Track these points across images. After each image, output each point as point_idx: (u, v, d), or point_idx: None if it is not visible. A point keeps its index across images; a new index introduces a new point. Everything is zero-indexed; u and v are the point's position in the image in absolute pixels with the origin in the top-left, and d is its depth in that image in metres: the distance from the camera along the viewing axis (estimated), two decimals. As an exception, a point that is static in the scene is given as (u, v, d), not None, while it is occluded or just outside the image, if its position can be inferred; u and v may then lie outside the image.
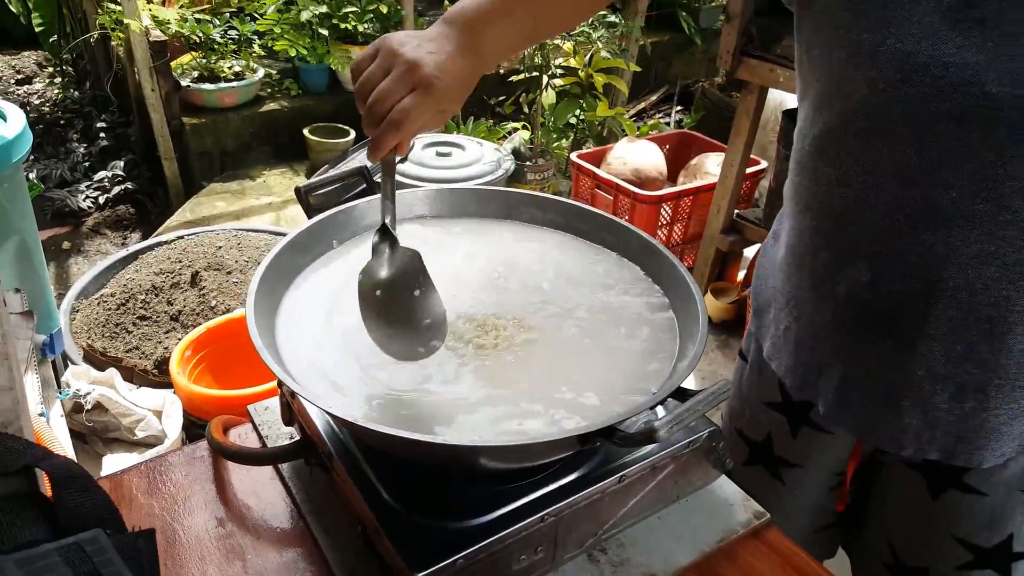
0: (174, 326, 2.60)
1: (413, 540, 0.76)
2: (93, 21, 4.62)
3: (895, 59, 0.78)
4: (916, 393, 0.94)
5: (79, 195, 4.25)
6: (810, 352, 1.04)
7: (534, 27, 0.95)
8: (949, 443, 0.96)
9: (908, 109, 0.80)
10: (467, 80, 0.88)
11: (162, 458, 1.06)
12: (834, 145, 0.91)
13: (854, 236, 0.92)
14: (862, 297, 0.94)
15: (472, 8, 0.89)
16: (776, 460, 1.17)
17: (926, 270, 0.86)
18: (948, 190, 0.81)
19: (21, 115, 1.94)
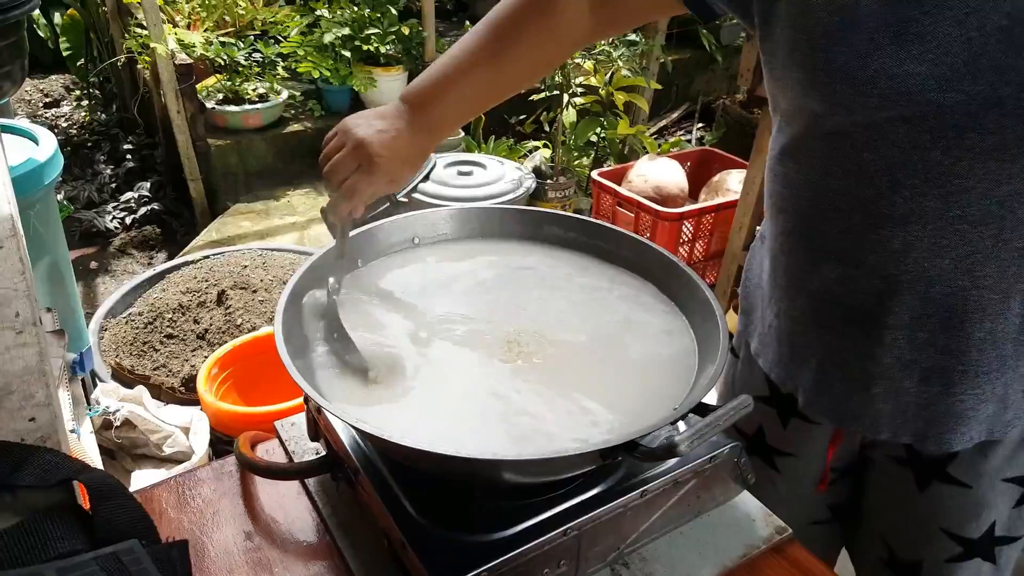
0: (201, 344, 2.64)
1: (438, 553, 0.78)
2: (120, 45, 4.71)
3: (846, 74, 0.83)
4: (887, 379, 0.98)
5: (106, 216, 4.32)
6: (790, 346, 1.08)
7: (489, 92, 1.05)
8: (920, 427, 1.00)
9: (862, 118, 0.85)
10: (416, 152, 1.01)
11: (191, 473, 1.08)
12: (799, 151, 0.96)
13: (822, 235, 0.97)
14: (833, 292, 0.98)
15: (421, 86, 1.01)
16: (770, 449, 1.21)
17: (886, 264, 0.91)
18: (901, 189, 0.86)
19: (53, 138, 1.99)
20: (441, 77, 1.01)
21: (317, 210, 4.14)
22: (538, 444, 0.81)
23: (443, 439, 0.81)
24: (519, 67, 1.05)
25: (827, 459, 1.15)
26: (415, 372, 0.91)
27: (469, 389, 0.89)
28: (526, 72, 1.08)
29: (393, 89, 4.65)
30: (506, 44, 1.02)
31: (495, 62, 1.02)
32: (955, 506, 1.04)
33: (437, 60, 1.01)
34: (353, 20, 4.44)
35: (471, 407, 0.86)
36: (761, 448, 1.22)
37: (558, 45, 1.06)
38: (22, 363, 0.69)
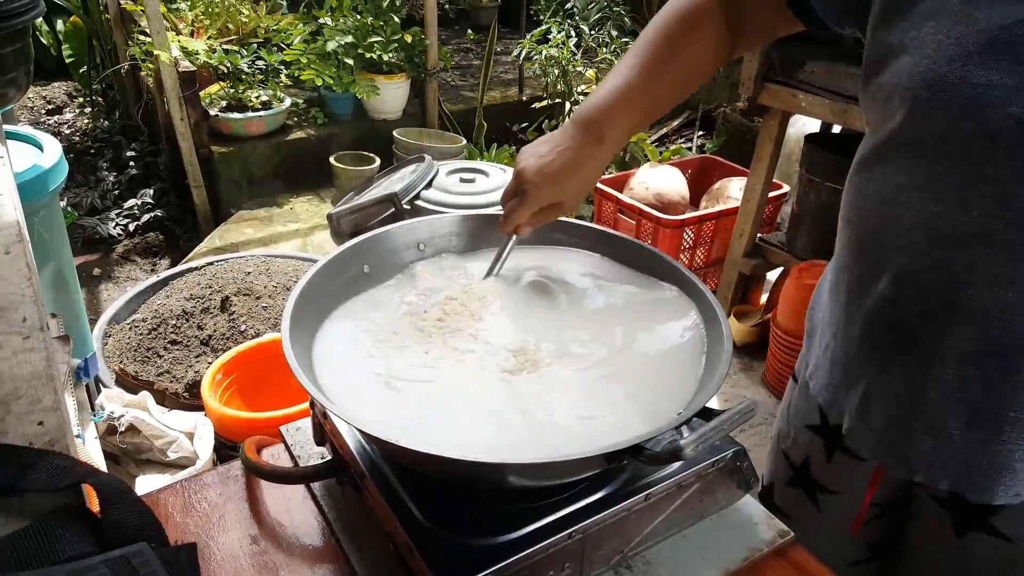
0: (204, 350, 2.64)
1: (443, 557, 0.78)
2: (123, 52, 4.74)
3: (927, 79, 0.80)
4: (929, 416, 0.93)
5: (109, 223, 4.33)
6: (842, 369, 1.05)
7: (650, 109, 1.12)
8: (960, 472, 0.94)
9: (939, 128, 0.82)
10: (582, 173, 1.06)
11: (197, 478, 1.09)
12: (874, 162, 0.93)
13: (883, 250, 0.92)
14: (886, 313, 0.94)
15: (595, 106, 1.06)
16: (813, 483, 1.17)
17: (944, 290, 0.86)
18: (969, 209, 0.81)
19: (57, 145, 1.99)
20: (609, 96, 1.06)
21: (320, 217, 4.15)
22: (543, 448, 0.81)
23: (449, 443, 0.81)
24: (675, 85, 1.11)
25: (865, 499, 1.10)
26: (422, 376, 0.91)
27: (475, 393, 0.89)
28: (680, 88, 1.14)
29: (396, 97, 4.67)
30: (662, 65, 1.08)
31: (655, 81, 1.08)
32: (993, 559, 0.99)
33: (602, 83, 1.07)
34: (356, 28, 4.46)
35: (477, 411, 0.86)
36: (804, 481, 1.18)
37: (704, 63, 1.13)
38: (29, 368, 0.70)
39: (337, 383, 0.89)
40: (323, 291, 1.01)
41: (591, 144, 1.05)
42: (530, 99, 4.63)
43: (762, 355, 3.16)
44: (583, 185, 1.08)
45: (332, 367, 0.91)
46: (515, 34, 6.47)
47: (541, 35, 4.00)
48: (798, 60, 2.65)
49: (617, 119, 1.06)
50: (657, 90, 1.09)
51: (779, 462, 1.25)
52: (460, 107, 5.12)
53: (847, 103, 2.51)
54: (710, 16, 1.08)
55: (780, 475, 1.25)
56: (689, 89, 1.16)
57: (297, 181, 4.53)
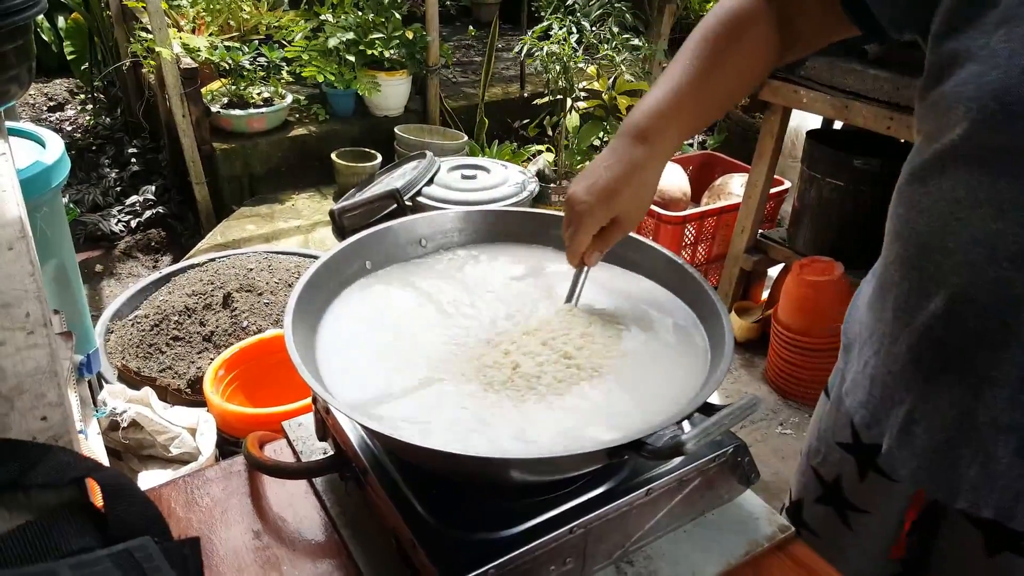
0: (207, 346, 2.65)
1: (446, 551, 0.78)
2: (124, 49, 4.74)
3: (997, 90, 0.78)
4: (977, 442, 0.91)
5: (111, 219, 4.34)
6: (883, 387, 1.02)
7: (701, 114, 1.06)
8: (1006, 501, 0.92)
9: (1006, 142, 0.79)
10: (637, 184, 0.98)
11: (199, 473, 1.09)
12: (933, 173, 0.89)
13: (937, 266, 0.89)
14: (936, 333, 0.91)
15: (645, 113, 0.99)
16: (844, 503, 1.16)
17: (1001, 310, 0.84)
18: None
19: (60, 141, 1.99)
20: (660, 103, 1.00)
21: (321, 213, 4.15)
22: (546, 443, 0.81)
23: (451, 438, 0.81)
24: (724, 90, 1.06)
25: (905, 523, 1.09)
26: (424, 371, 0.92)
27: (476, 388, 0.89)
28: (729, 94, 1.09)
29: (397, 93, 4.67)
30: (711, 70, 1.02)
31: (705, 87, 1.02)
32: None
33: (652, 89, 1.02)
34: (357, 25, 4.46)
35: (478, 406, 0.86)
36: (836, 500, 1.17)
37: (753, 68, 1.07)
38: (33, 363, 0.70)
39: (340, 378, 0.89)
40: (326, 287, 1.01)
41: (642, 153, 0.98)
42: (531, 95, 4.63)
43: (763, 351, 3.17)
44: (639, 197, 0.99)
45: (335, 362, 0.92)
46: (516, 30, 6.47)
47: (542, 31, 3.99)
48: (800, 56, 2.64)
49: (669, 126, 1.00)
50: (707, 96, 1.03)
51: (809, 478, 1.22)
52: (461, 104, 5.12)
53: (848, 99, 2.51)
54: (759, 18, 1.03)
55: (810, 492, 1.23)
56: (740, 94, 1.12)
57: (299, 178, 4.53)
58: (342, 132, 4.63)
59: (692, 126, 1.05)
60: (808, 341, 2.83)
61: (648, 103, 1.00)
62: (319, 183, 4.51)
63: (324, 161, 4.41)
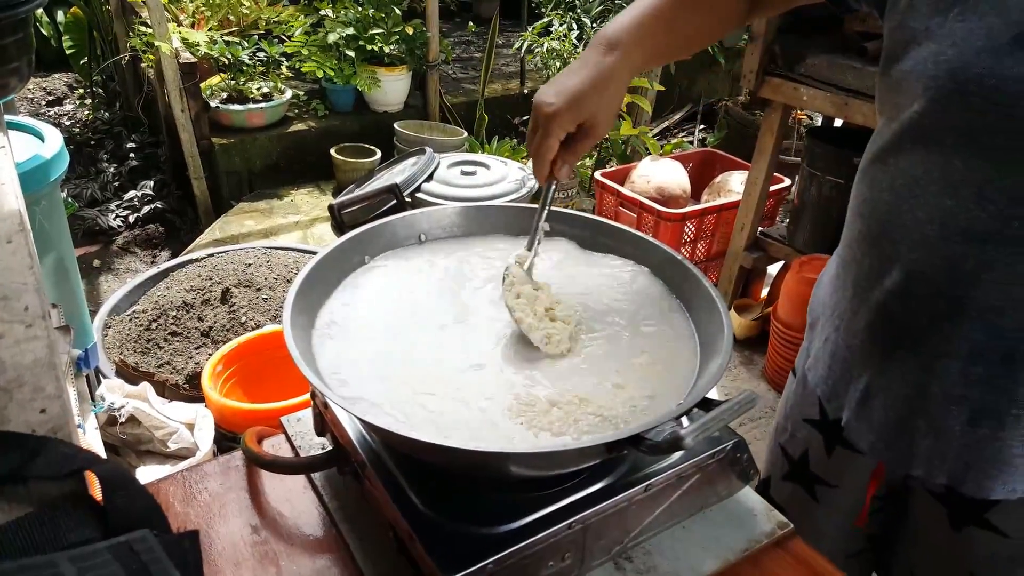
0: (205, 342, 2.65)
1: (445, 545, 0.78)
2: (123, 43, 4.73)
3: (952, 68, 0.79)
4: (931, 413, 0.94)
5: (109, 214, 4.33)
6: (842, 362, 1.05)
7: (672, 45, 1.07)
8: (959, 469, 0.95)
9: (960, 120, 0.81)
10: (604, 86, 0.96)
11: (197, 468, 1.09)
12: (891, 152, 0.92)
13: (894, 244, 0.92)
14: (893, 308, 0.94)
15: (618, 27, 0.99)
16: (811, 477, 1.18)
17: (954, 286, 0.86)
18: (986, 205, 0.81)
19: (58, 135, 1.99)
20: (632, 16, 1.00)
21: (320, 209, 4.15)
22: (544, 438, 0.81)
23: (451, 432, 0.81)
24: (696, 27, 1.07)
25: (868, 493, 1.11)
26: (426, 365, 0.92)
27: (475, 383, 0.89)
28: (699, 35, 1.10)
29: (397, 89, 4.67)
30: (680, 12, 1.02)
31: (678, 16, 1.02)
32: (988, 554, 1.00)
33: (626, 10, 1.02)
34: (357, 20, 4.45)
35: (477, 400, 0.86)
36: (803, 475, 1.19)
37: (719, 22, 1.09)
38: (32, 356, 0.70)
39: (338, 372, 0.89)
40: (325, 281, 1.01)
41: (611, 61, 0.96)
42: (532, 92, 4.63)
43: (762, 349, 3.17)
44: (606, 102, 0.97)
45: (333, 356, 0.92)
46: (517, 27, 6.47)
47: (543, 28, 3.99)
48: (799, 53, 2.65)
49: (642, 40, 0.99)
50: (675, 31, 1.03)
51: (776, 456, 1.25)
52: (461, 100, 5.12)
53: (848, 96, 2.51)
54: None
55: (777, 469, 1.25)
56: (707, 38, 1.13)
57: (298, 173, 4.52)
58: (341, 128, 4.63)
59: (658, 52, 1.06)
60: (807, 339, 2.82)
61: (622, 19, 1.00)
62: (318, 179, 4.51)
63: (323, 157, 4.41)
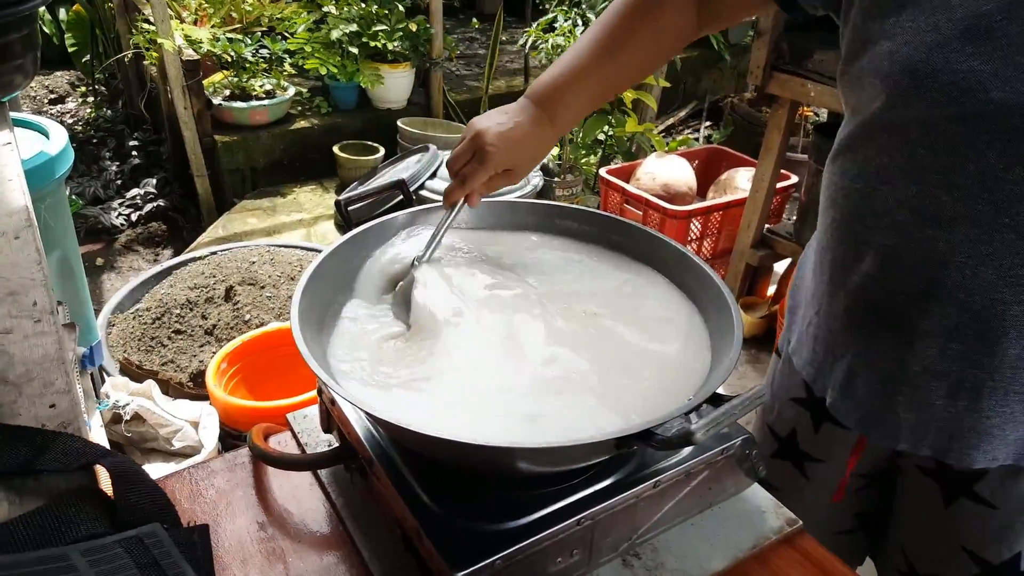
0: (208, 340, 2.65)
1: (453, 541, 0.78)
2: (126, 41, 4.73)
3: (908, 65, 0.82)
4: (912, 388, 0.96)
5: (112, 212, 4.33)
6: (825, 344, 1.08)
7: (605, 88, 1.13)
8: (942, 440, 0.98)
9: (919, 113, 0.84)
10: (536, 144, 1.09)
11: (204, 464, 1.09)
12: (858, 144, 0.95)
13: (867, 230, 0.95)
14: (870, 291, 0.97)
15: (543, 83, 1.09)
16: (800, 454, 1.20)
17: (927, 268, 0.89)
18: (951, 190, 0.84)
19: (63, 132, 1.98)
20: (561, 75, 1.09)
21: (324, 207, 4.15)
22: (553, 433, 0.81)
23: (459, 427, 0.81)
24: (632, 64, 1.13)
25: (847, 467, 1.13)
26: (431, 359, 0.91)
27: (482, 377, 0.89)
28: (638, 68, 1.16)
29: (400, 86, 4.66)
30: (619, 44, 1.09)
31: (610, 60, 1.10)
32: (978, 526, 1.02)
33: (558, 60, 1.10)
34: (360, 16, 4.45)
35: (484, 394, 0.86)
36: (792, 452, 1.21)
37: (665, 42, 1.14)
38: (41, 351, 0.70)
39: (346, 368, 0.89)
40: (332, 277, 1.01)
41: (543, 123, 1.08)
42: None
43: (769, 347, 3.16)
44: (534, 157, 1.10)
45: (342, 352, 0.91)
46: (521, 23, 6.46)
47: (547, 24, 3.99)
48: (807, 49, 2.64)
49: (569, 100, 1.08)
50: (611, 70, 1.10)
51: (764, 435, 1.27)
52: (465, 97, 5.11)
53: (854, 93, 2.49)
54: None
55: (765, 448, 1.27)
56: (648, 69, 1.18)
57: (301, 171, 4.52)
58: (344, 125, 4.63)
59: (593, 101, 1.14)
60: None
61: (553, 75, 1.09)
62: (321, 176, 4.51)
63: (326, 154, 4.41)
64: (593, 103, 1.14)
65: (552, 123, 1.09)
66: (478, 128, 1.05)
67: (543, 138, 1.09)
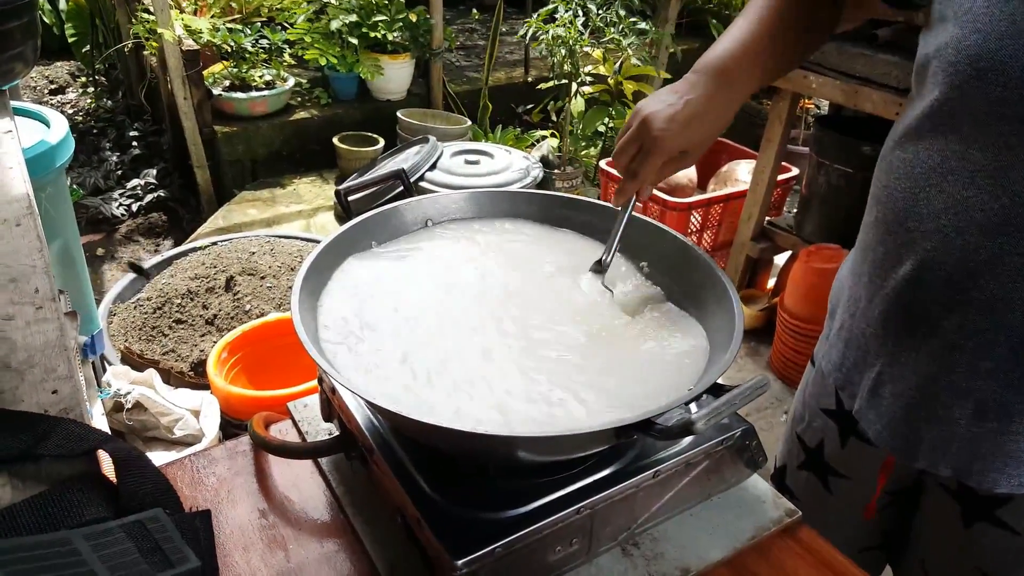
0: (209, 330, 2.65)
1: (453, 530, 0.78)
2: (126, 31, 4.71)
3: (973, 55, 0.79)
4: (937, 404, 0.94)
5: (112, 203, 4.32)
6: (856, 349, 1.05)
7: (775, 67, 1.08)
8: (963, 461, 0.95)
9: (978, 107, 0.80)
10: (712, 121, 1.00)
11: (205, 452, 1.09)
12: (911, 140, 0.91)
13: (910, 232, 0.91)
14: (906, 297, 0.93)
15: (722, 56, 1.01)
16: (826, 467, 1.18)
17: (966, 277, 0.85)
18: (1001, 196, 0.81)
19: (64, 121, 1.98)
20: (737, 48, 1.02)
21: (324, 198, 4.14)
22: (551, 422, 0.81)
23: (459, 416, 0.81)
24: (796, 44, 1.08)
25: (878, 485, 1.11)
26: (428, 349, 0.91)
27: (485, 369, 0.89)
28: (801, 50, 1.12)
29: (400, 77, 4.65)
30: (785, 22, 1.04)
31: (779, 37, 1.04)
32: (998, 550, 0.99)
33: (726, 35, 1.04)
34: (360, 7, 4.44)
35: (487, 385, 0.86)
36: (818, 465, 1.19)
37: (821, 25, 1.10)
38: (43, 337, 0.70)
39: (346, 356, 0.89)
40: (332, 266, 1.01)
41: (722, 90, 0.99)
42: (536, 80, 4.60)
43: (768, 340, 3.16)
44: (712, 133, 1.01)
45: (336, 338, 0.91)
46: (521, 14, 6.44)
47: (548, 15, 3.97)
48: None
49: (749, 67, 1.01)
50: (780, 48, 1.05)
51: (793, 444, 1.25)
52: (465, 88, 5.10)
53: (858, 84, 2.49)
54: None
55: (793, 458, 1.25)
56: (807, 52, 1.13)
57: (301, 162, 4.51)
58: (344, 116, 4.62)
59: (765, 76, 1.06)
60: (814, 329, 2.82)
61: (728, 46, 1.02)
62: (321, 167, 4.50)
63: (326, 145, 4.40)
64: (765, 78, 1.07)
65: (731, 90, 1.00)
66: (645, 113, 0.98)
67: (720, 111, 1.00)
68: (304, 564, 0.91)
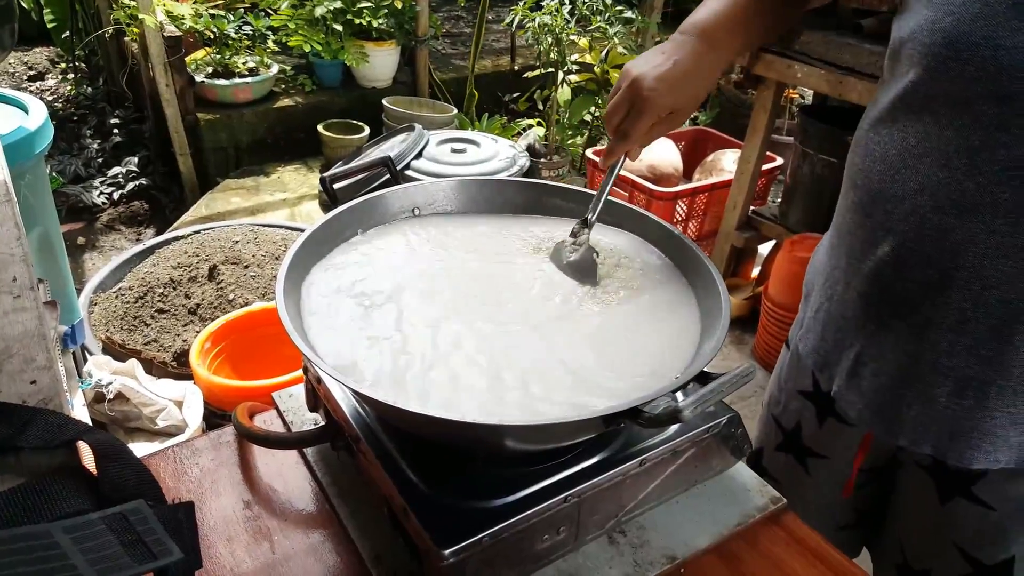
0: (192, 319, 2.63)
1: (440, 519, 0.78)
2: (107, 17, 4.65)
3: (948, 36, 0.79)
4: (918, 382, 0.95)
5: (93, 191, 4.28)
6: (835, 331, 1.06)
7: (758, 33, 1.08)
8: (943, 439, 0.96)
9: (953, 89, 0.81)
10: (699, 80, 1.01)
11: (188, 443, 1.08)
12: (886, 123, 0.92)
13: (886, 214, 0.92)
14: (884, 278, 0.95)
15: (708, 17, 1.02)
16: (803, 449, 1.19)
17: (944, 256, 0.87)
18: (977, 175, 0.82)
19: (43, 107, 1.96)
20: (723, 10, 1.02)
21: (308, 187, 4.12)
22: (539, 411, 0.81)
23: (446, 405, 0.80)
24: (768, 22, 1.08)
25: (855, 464, 1.12)
26: (416, 338, 0.91)
27: (469, 354, 0.88)
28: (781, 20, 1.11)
29: (386, 64, 4.62)
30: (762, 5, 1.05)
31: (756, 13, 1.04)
32: (973, 526, 1.01)
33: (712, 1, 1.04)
34: (345, -7, 4.40)
35: (473, 373, 0.85)
36: (795, 446, 1.20)
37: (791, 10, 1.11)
38: (21, 327, 0.69)
39: (331, 345, 0.88)
40: (318, 253, 1.00)
41: (708, 50, 1.00)
42: (522, 68, 4.58)
43: (753, 328, 3.18)
44: (700, 92, 1.02)
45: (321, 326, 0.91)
46: (507, 1, 6.40)
47: (534, 2, 3.95)
48: (794, 30, 2.63)
49: (732, 30, 1.02)
50: (761, 14, 1.05)
51: (769, 427, 1.26)
52: (451, 76, 5.08)
53: (843, 74, 2.49)
54: None
55: (770, 440, 1.26)
56: (787, 20, 1.14)
57: (285, 150, 4.48)
58: (329, 103, 4.58)
59: (749, 40, 1.07)
60: (796, 317, 2.83)
61: (714, 9, 1.02)
62: (305, 155, 4.47)
63: (310, 133, 4.37)
64: (748, 43, 1.08)
65: (716, 51, 1.01)
66: (635, 74, 0.98)
67: (707, 71, 1.01)
68: (289, 555, 0.91)
